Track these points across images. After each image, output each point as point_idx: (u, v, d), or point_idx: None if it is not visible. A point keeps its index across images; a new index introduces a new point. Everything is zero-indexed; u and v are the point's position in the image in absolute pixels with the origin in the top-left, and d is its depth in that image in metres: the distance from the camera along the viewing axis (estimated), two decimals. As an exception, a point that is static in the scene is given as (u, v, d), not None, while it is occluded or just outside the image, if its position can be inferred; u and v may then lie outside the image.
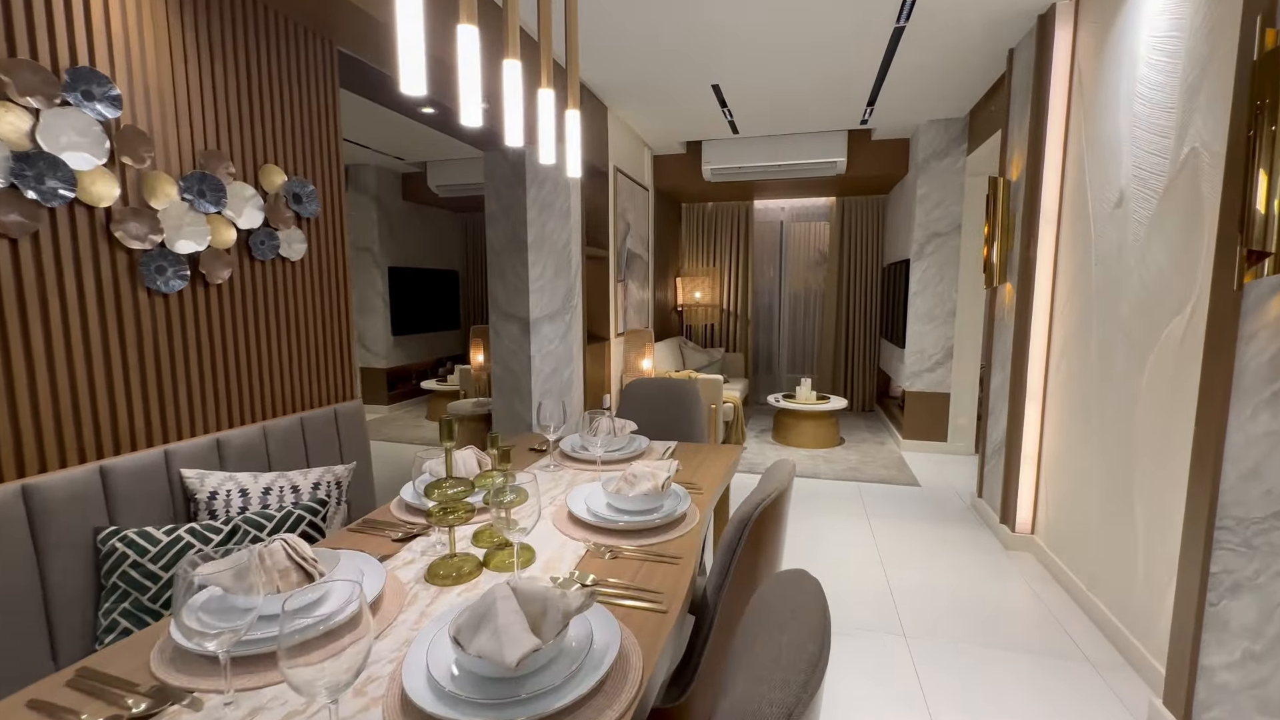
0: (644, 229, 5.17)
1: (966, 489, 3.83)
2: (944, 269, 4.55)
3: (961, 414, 4.64)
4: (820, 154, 4.86)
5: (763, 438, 5.17)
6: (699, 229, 6.54)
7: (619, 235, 4.43)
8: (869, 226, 6.12)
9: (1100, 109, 2.37)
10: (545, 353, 3.70)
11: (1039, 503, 2.86)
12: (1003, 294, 3.15)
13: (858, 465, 4.35)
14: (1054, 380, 2.73)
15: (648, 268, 5.31)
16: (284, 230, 1.89)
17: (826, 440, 4.83)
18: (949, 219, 4.50)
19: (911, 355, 4.69)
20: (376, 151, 5.36)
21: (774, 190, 5.91)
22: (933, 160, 4.49)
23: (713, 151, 5.09)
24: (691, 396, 2.36)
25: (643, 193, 5.11)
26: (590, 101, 3.81)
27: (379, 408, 6.08)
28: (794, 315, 6.63)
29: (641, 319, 5.15)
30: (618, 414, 2.45)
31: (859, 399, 6.31)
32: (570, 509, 1.42)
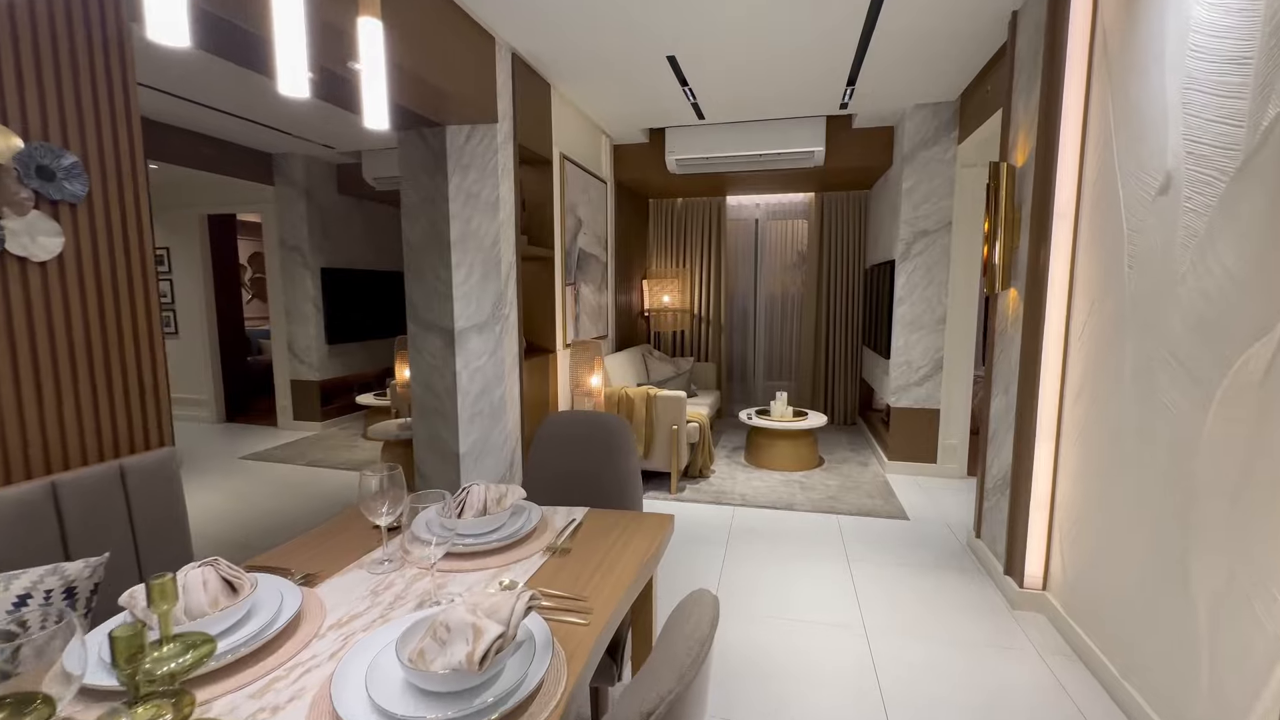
0: (602, 226, 4.64)
1: (961, 523, 3.35)
2: (933, 271, 4.07)
3: (953, 433, 4.17)
4: (796, 142, 4.36)
5: (734, 458, 4.66)
6: (667, 227, 6.03)
7: (567, 232, 3.89)
8: (850, 225, 5.65)
9: (1134, 71, 1.88)
10: (473, 369, 3.15)
11: (1052, 554, 2.37)
12: (1005, 302, 2.67)
13: (837, 493, 3.85)
14: (1073, 411, 2.24)
15: (606, 269, 4.78)
16: (12, 218, 1.32)
17: (804, 461, 4.34)
18: (938, 215, 4.03)
19: (897, 367, 4.21)
20: (300, 139, 4.76)
21: (747, 185, 5.41)
22: (920, 150, 4.01)
23: (677, 140, 4.57)
24: (619, 436, 1.83)
25: (600, 186, 4.57)
26: (529, 78, 3.27)
27: (311, 425, 5.47)
28: (770, 321, 6.13)
29: (599, 326, 4.61)
30: (529, 461, 1.92)
31: (840, 412, 5.83)
32: (333, 700, 0.77)
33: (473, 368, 3.15)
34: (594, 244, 4.44)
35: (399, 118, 2.90)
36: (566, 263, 3.88)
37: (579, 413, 1.94)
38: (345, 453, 4.77)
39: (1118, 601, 1.90)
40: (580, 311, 4.16)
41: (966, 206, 3.98)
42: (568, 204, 3.89)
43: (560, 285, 3.84)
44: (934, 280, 4.08)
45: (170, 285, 5.76)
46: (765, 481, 4.08)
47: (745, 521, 3.41)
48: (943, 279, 4.06)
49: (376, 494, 1.16)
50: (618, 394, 3.91)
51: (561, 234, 3.81)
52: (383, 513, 1.17)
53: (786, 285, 6.05)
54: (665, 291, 5.73)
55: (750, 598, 2.56)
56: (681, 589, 2.61)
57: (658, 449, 3.86)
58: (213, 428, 5.61)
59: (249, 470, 4.35)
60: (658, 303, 5.74)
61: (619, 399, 3.90)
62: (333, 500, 3.72)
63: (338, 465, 4.47)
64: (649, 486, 3.95)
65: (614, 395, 3.91)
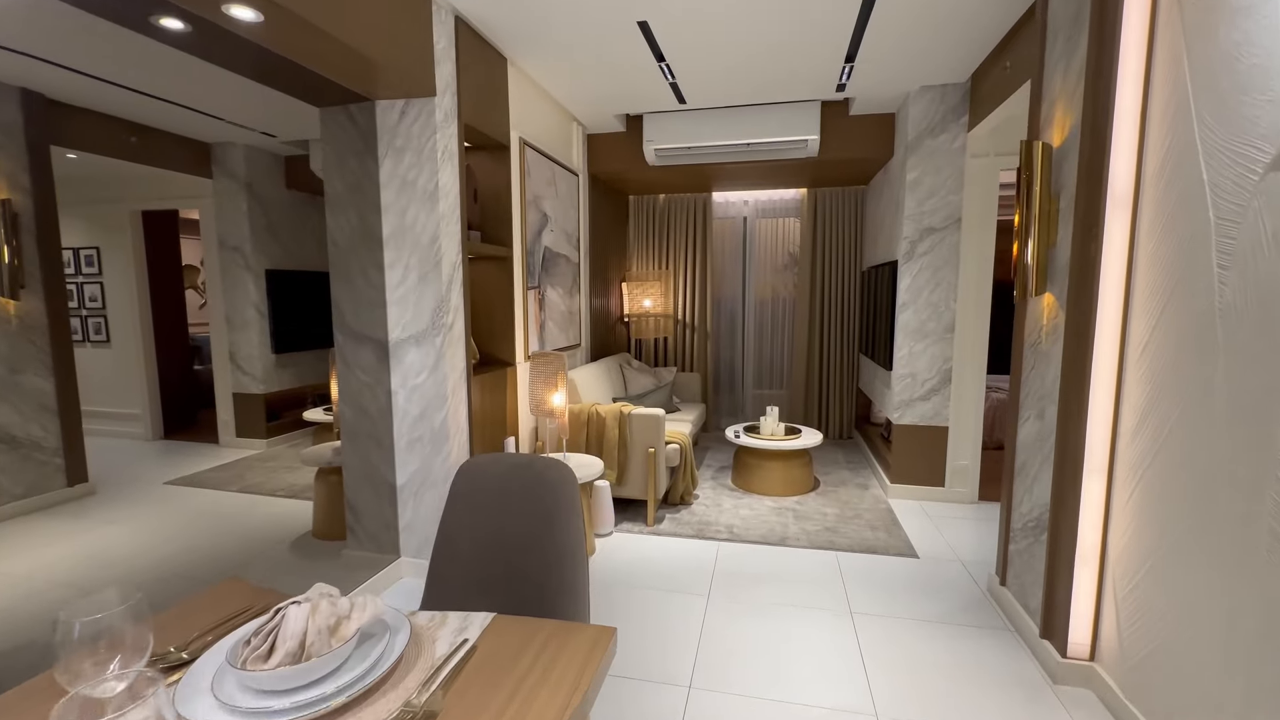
0: (573, 223, 4.18)
1: (979, 562, 2.91)
2: (940, 273, 3.65)
3: (963, 454, 3.74)
4: (788, 130, 3.93)
5: (720, 479, 4.21)
6: (648, 226, 5.58)
7: (530, 229, 3.43)
8: (846, 223, 5.23)
9: (1227, 12, 1.46)
10: (411, 388, 2.67)
11: (1103, 618, 1.94)
12: (1039, 309, 2.24)
13: (836, 523, 3.41)
14: (1131, 445, 1.81)
15: (579, 271, 4.32)
16: None
17: (797, 484, 3.89)
18: (946, 210, 3.61)
19: (900, 380, 3.78)
20: (239, 126, 4.27)
21: (735, 179, 4.97)
22: (926, 138, 3.59)
23: (656, 127, 4.13)
24: (558, 493, 1.37)
25: (570, 178, 4.12)
26: (479, 48, 2.81)
27: (255, 443, 4.96)
28: (760, 327, 5.70)
29: (570, 334, 4.15)
30: (439, 533, 1.46)
31: (835, 425, 5.40)
32: None
33: (410, 386, 2.68)
34: (564, 243, 3.98)
35: (314, 88, 2.43)
36: (528, 263, 3.42)
37: (506, 459, 1.48)
38: (288, 475, 4.27)
39: (1194, 684, 1.46)
40: (546, 318, 3.70)
41: (977, 201, 3.56)
42: (530, 196, 3.42)
43: (521, 289, 3.37)
44: (941, 283, 3.66)
45: (101, 288, 5.23)
46: (755, 509, 3.63)
47: (732, 561, 2.96)
48: (951, 281, 3.64)
49: (84, 648, 0.68)
50: (587, 412, 3.44)
51: (522, 230, 3.35)
52: (108, 677, 0.69)
53: (777, 289, 5.63)
54: (646, 295, 5.28)
55: (735, 669, 2.10)
56: (653, 660, 2.15)
57: (632, 474, 3.40)
58: (145, 446, 5.08)
59: (170, 498, 3.83)
60: (638, 307, 5.29)
61: (588, 418, 3.44)
62: (255, 539, 3.22)
63: (276, 491, 3.96)
64: (622, 517, 3.49)
65: (582, 414, 3.45)
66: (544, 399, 3.00)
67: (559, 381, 2.97)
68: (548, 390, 2.99)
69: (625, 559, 2.99)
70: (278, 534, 3.27)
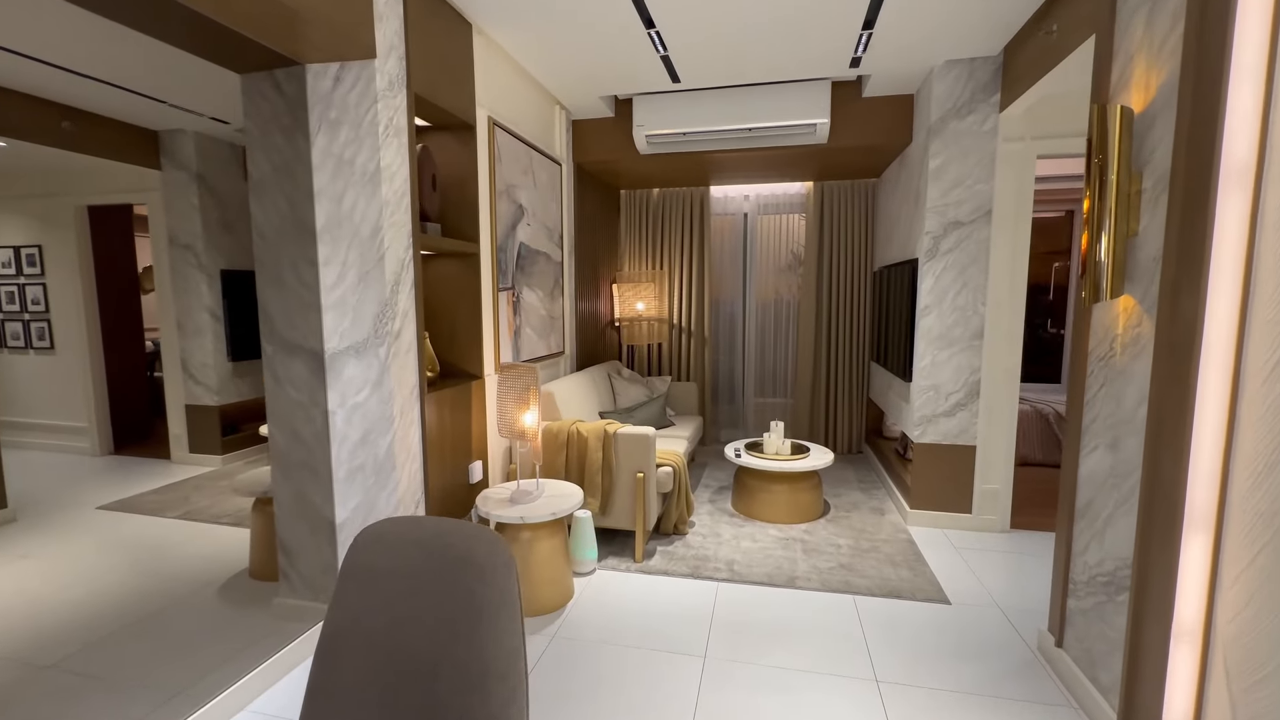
0: (556, 217, 3.76)
1: (1020, 609, 2.49)
2: (968, 273, 3.23)
3: (993, 476, 3.32)
4: (795, 113, 3.51)
5: (719, 502, 3.78)
6: (641, 222, 5.16)
7: (501, 221, 3.01)
8: (855, 219, 4.81)
9: None
10: (351, 407, 2.25)
11: (1209, 712, 1.51)
12: (1111, 316, 1.82)
13: (851, 558, 2.98)
14: (1250, 495, 1.38)
15: (563, 271, 3.90)
16: None
17: (805, 510, 3.47)
18: (974, 202, 3.19)
19: (922, 393, 3.36)
20: (187, 111, 3.84)
21: (735, 171, 4.55)
22: (951, 119, 3.18)
23: (647, 110, 3.71)
24: (488, 577, 0.95)
25: (552, 168, 3.70)
26: (434, 6, 2.39)
27: (210, 459, 4.52)
28: (762, 332, 5.28)
29: (552, 341, 3.73)
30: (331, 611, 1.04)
31: (844, 438, 4.98)
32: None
33: (350, 405, 2.25)
34: (543, 239, 3.56)
35: (230, 48, 2.01)
36: (499, 261, 2.99)
37: (418, 528, 1.06)
38: (236, 500, 3.83)
39: None
40: (522, 324, 3.28)
41: (1010, 191, 3.15)
42: (502, 185, 3.00)
43: (491, 290, 2.95)
44: (968, 284, 3.24)
45: (44, 290, 4.80)
46: (758, 540, 3.20)
47: (733, 607, 2.53)
48: (979, 282, 3.22)
49: None
50: (567, 431, 3.02)
51: (492, 224, 2.93)
52: None
53: (781, 290, 5.21)
54: (639, 297, 4.86)
55: (738, 768, 1.68)
56: (634, 752, 1.72)
57: (619, 502, 2.98)
58: (90, 463, 4.64)
59: (100, 527, 3.40)
60: (630, 311, 4.87)
61: (568, 438, 3.01)
62: (182, 579, 2.79)
63: (221, 517, 3.53)
64: (607, 550, 3.06)
65: (561, 433, 3.02)
66: (514, 419, 2.58)
67: (531, 398, 2.55)
68: (518, 408, 2.56)
69: (608, 605, 2.56)
70: (210, 572, 2.84)
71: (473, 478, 2.77)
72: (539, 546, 2.47)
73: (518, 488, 2.63)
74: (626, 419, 3.84)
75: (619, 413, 3.88)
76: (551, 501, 2.54)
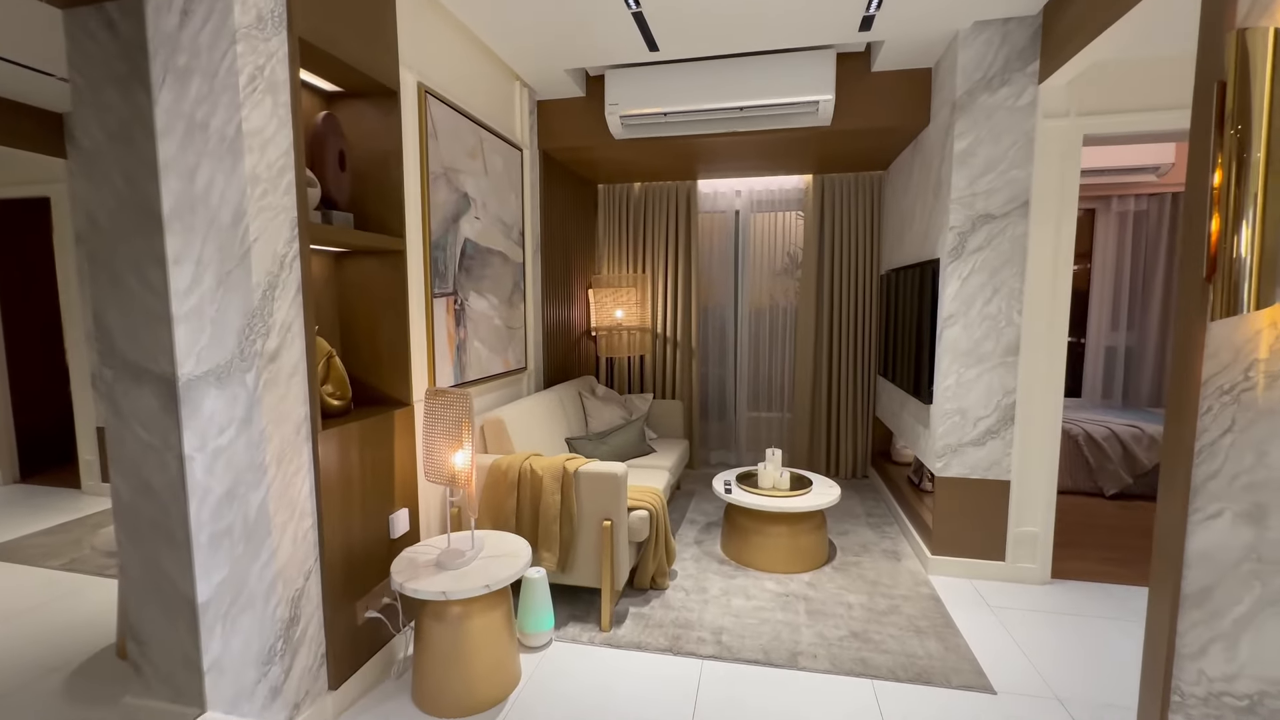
0: (514, 211, 3.22)
1: (1087, 702, 1.96)
2: (1000, 275, 2.72)
3: (1031, 517, 2.79)
4: (794, 88, 3.00)
5: (706, 544, 3.24)
6: (620, 220, 4.63)
7: (438, 213, 2.47)
8: (861, 217, 4.30)
9: None
10: (213, 451, 1.69)
11: None
12: (1244, 333, 1.30)
13: (866, 622, 2.44)
14: None
15: (524, 273, 3.36)
16: None
17: (808, 556, 2.93)
18: (1009, 191, 2.68)
19: (945, 418, 2.84)
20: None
21: (724, 161, 4.04)
22: (981, 93, 2.67)
23: (621, 86, 3.19)
24: None
25: (510, 154, 3.17)
26: (332, -70, 1.86)
27: (123, 490, 3.93)
28: (756, 341, 4.75)
29: (510, 355, 3.18)
30: None
31: (846, 461, 4.45)
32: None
33: (212, 449, 1.70)
34: (498, 235, 3.02)
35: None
36: (433, 260, 2.45)
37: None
38: (141, 540, 3.25)
39: None
40: (469, 336, 2.73)
41: (1052, 177, 2.64)
42: (439, 169, 2.47)
43: (423, 295, 2.41)
44: (1001, 288, 2.72)
45: (-61, 296, 4.21)
46: (752, 597, 2.66)
47: (720, 694, 1.98)
48: (1014, 287, 2.71)
49: None
50: (518, 469, 2.47)
51: (424, 214, 2.39)
52: None
53: (776, 296, 4.69)
54: (618, 304, 4.32)
55: None
56: None
57: (581, 556, 2.43)
58: (-15, 494, 4.05)
59: (-42, 582, 2.82)
60: (608, 319, 4.33)
61: (519, 477, 2.46)
62: (28, 657, 2.21)
63: (108, 568, 2.95)
64: (568, 615, 2.50)
65: (510, 471, 2.47)
66: (442, 460, 2.03)
67: (464, 432, 2.00)
68: (447, 446, 2.02)
69: (564, 692, 2.01)
70: (70, 649, 2.27)
71: (396, 530, 2.21)
72: (472, 625, 1.92)
73: (448, 545, 2.08)
74: (598, 446, 3.29)
75: (591, 438, 3.34)
76: (490, 566, 1.99)
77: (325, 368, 2.09)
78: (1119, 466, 3.98)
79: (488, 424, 2.66)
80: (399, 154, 2.20)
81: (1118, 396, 5.06)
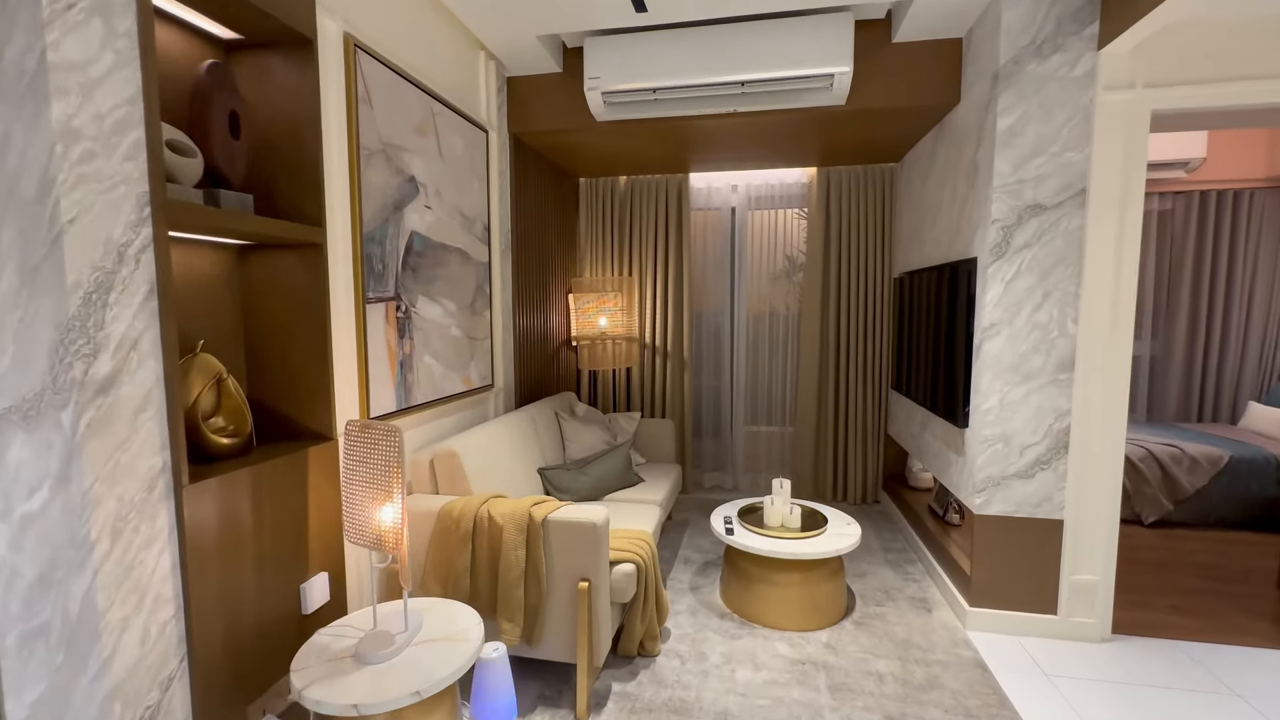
0: (478, 202, 2.76)
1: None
2: (1052, 276, 2.30)
3: (1088, 563, 2.36)
4: (805, 59, 2.57)
5: (704, 591, 2.77)
6: (605, 217, 4.18)
7: (373, 198, 1.99)
8: (871, 214, 3.89)
9: None
10: (20, 521, 1.20)
11: None
12: None
13: (902, 703, 1.99)
14: None
15: (490, 274, 2.89)
16: None
17: (825, 609, 2.47)
18: (1062, 177, 2.26)
19: (985, 445, 2.40)
20: None
21: (721, 151, 3.60)
22: (1029, 60, 2.25)
23: (603, 56, 2.73)
24: None
25: (471, 134, 2.70)
26: None
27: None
28: (755, 354, 4.31)
29: (474, 371, 2.71)
30: None
31: (855, 484, 4.02)
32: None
33: (20, 516, 1.20)
34: (456, 230, 2.55)
35: None
36: (367, 257, 1.97)
37: None
38: None
39: None
40: (417, 350, 2.25)
41: (1115, 160, 2.22)
42: (374, 142, 1.99)
43: (354, 300, 1.93)
44: (1053, 292, 2.30)
45: None
46: (761, 665, 2.19)
47: (728, 833, 1.52)
48: (1070, 290, 2.29)
49: None
50: (473, 517, 1.99)
51: (353, 198, 1.91)
52: None
53: (777, 302, 4.25)
54: (602, 311, 3.86)
55: None
56: None
57: (552, 624, 1.95)
58: None
59: None
60: (590, 328, 3.87)
61: (475, 526, 1.98)
62: None
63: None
64: (535, 696, 2.02)
65: (463, 519, 1.99)
66: (365, 516, 1.55)
67: (393, 479, 1.52)
68: (371, 498, 1.53)
69: (522, 828, 1.53)
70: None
71: (311, 603, 1.72)
72: (399, 740, 1.44)
73: (374, 628, 1.60)
74: (577, 477, 2.82)
75: (569, 467, 2.86)
76: (426, 658, 1.51)
77: (215, 394, 1.61)
78: (1158, 491, 3.58)
79: (439, 458, 2.18)
80: (316, 120, 1.72)
81: (1142, 411, 4.68)
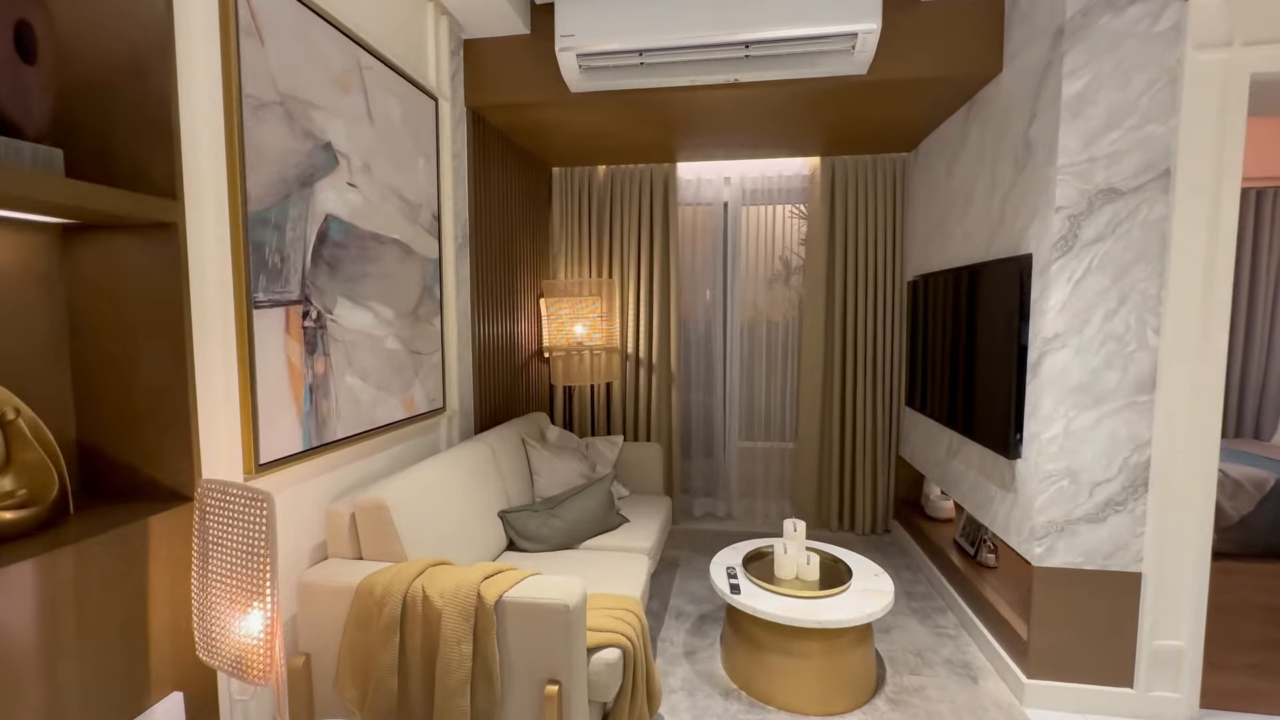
0: (423, 185, 2.25)
1: None
2: (1129, 275, 1.88)
3: (1172, 626, 1.94)
4: (822, 14, 2.13)
5: (702, 661, 2.28)
6: (582, 211, 3.70)
7: (267, 165, 1.48)
8: (881, 209, 3.47)
9: None
10: None
11: None
12: None
13: (970, 828, 1.52)
14: None
15: (440, 273, 2.38)
16: None
17: (851, 686, 2.00)
18: (1144, 155, 1.85)
19: (1045, 481, 1.97)
20: None
21: (714, 134, 3.15)
22: (1101, 11, 1.84)
23: (579, 10, 2.26)
24: None
25: (415, 100, 2.20)
26: None
27: None
28: (750, 365, 3.86)
29: (416, 393, 2.19)
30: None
31: (864, 512, 3.58)
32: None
33: None
34: (395, 215, 2.04)
35: None
36: (249, 244, 1.46)
37: None
38: None
39: None
40: (336, 368, 1.73)
41: (1207, 134, 1.82)
42: (265, 91, 1.48)
43: (238, 302, 1.41)
44: (1130, 295, 1.89)
45: None
46: (782, 773, 1.71)
47: None
48: (1151, 292, 1.88)
49: None
50: (401, 597, 1.47)
51: (234, 163, 1.40)
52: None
53: (773, 309, 3.81)
54: (579, 317, 3.37)
55: None
56: None
57: (510, 742, 1.45)
58: None
59: None
60: (565, 337, 3.37)
61: (405, 611, 1.47)
62: None
63: None
64: (490, 835, 1.51)
65: (387, 602, 1.47)
66: (221, 625, 1.04)
67: (262, 570, 1.01)
68: (229, 598, 1.02)
69: None
70: None
71: (155, 736, 1.19)
72: None
73: (235, 789, 1.07)
74: (548, 520, 2.32)
75: (538, 509, 2.36)
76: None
77: (2, 442, 1.09)
78: (1201, 518, 3.20)
79: (361, 512, 1.66)
80: (169, 50, 1.21)
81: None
